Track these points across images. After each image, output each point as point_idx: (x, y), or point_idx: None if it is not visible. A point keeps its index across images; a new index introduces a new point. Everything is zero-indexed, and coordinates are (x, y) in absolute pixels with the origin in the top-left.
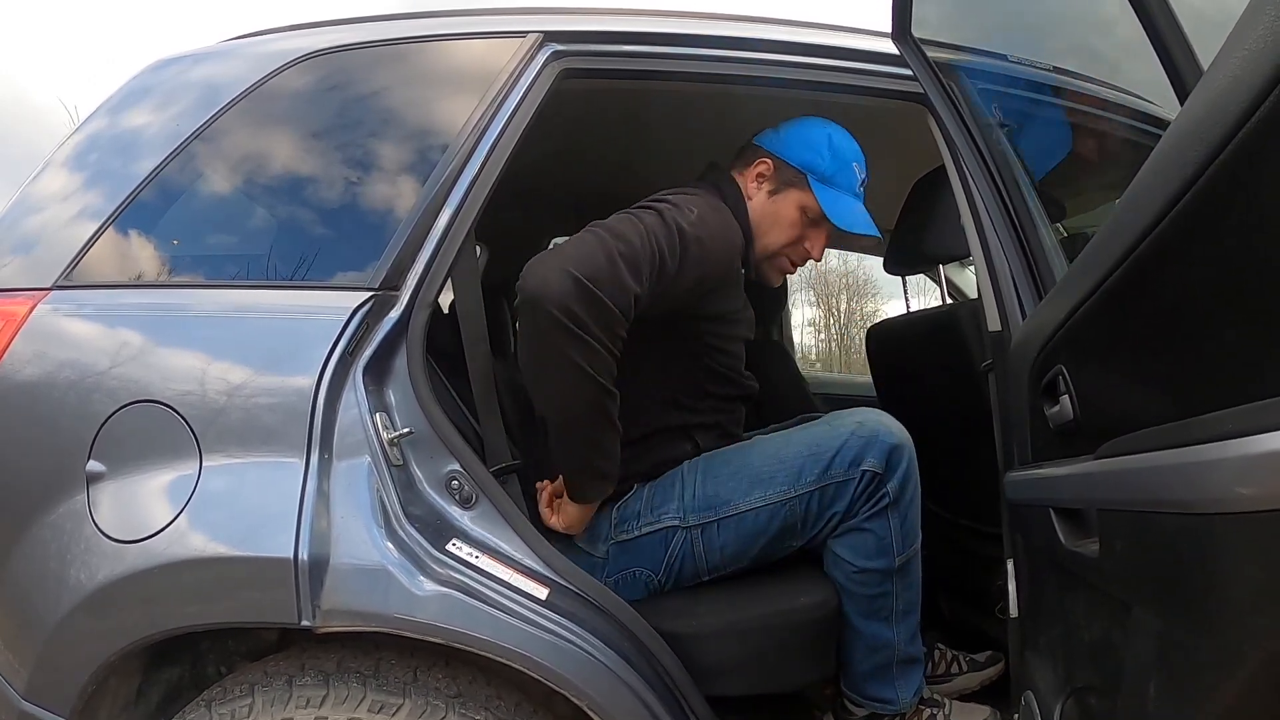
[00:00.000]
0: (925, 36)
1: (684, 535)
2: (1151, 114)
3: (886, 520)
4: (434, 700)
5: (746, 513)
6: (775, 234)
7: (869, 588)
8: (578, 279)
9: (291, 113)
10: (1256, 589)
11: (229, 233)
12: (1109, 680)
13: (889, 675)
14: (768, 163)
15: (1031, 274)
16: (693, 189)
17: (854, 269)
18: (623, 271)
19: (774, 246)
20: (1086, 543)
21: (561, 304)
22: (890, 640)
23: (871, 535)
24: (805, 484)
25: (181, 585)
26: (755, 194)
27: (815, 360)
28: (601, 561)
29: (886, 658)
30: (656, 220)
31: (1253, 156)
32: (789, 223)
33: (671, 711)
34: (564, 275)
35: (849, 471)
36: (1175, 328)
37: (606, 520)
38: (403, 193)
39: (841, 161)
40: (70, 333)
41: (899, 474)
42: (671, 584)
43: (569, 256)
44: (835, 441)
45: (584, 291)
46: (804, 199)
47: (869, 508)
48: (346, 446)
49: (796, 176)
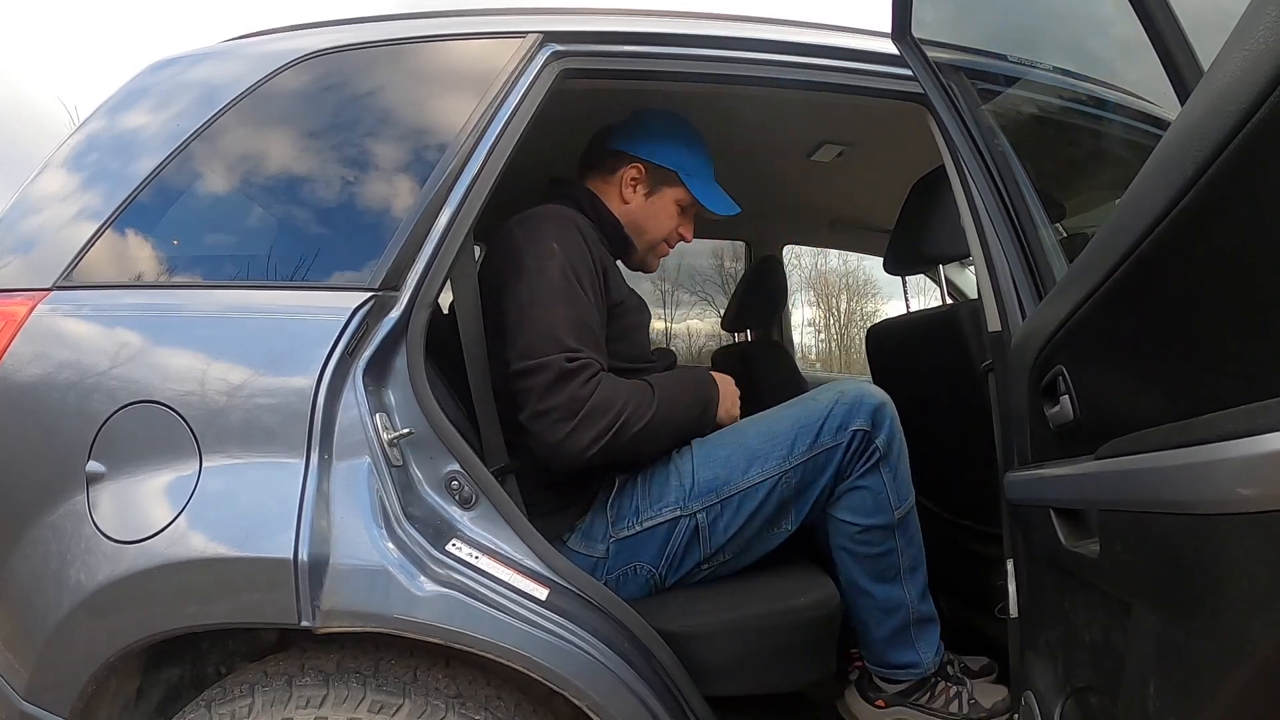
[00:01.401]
0: (925, 36)
1: (688, 522)
2: (1151, 114)
3: (880, 475)
4: (434, 700)
5: (747, 490)
6: (656, 229)
7: (873, 546)
8: (582, 423)
9: (291, 113)
10: (1257, 589)
11: (229, 233)
12: (1109, 680)
13: (908, 638)
14: (639, 167)
15: (1031, 274)
16: (539, 217)
17: (854, 269)
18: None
19: (656, 239)
20: (1086, 543)
21: (587, 448)
22: (902, 600)
23: (868, 492)
24: (799, 455)
25: (181, 586)
26: (632, 198)
27: (815, 360)
28: (601, 560)
29: (902, 619)
30: (559, 288)
31: (1253, 156)
32: (667, 216)
33: (671, 711)
34: (578, 437)
35: (837, 436)
36: (1176, 328)
37: (603, 519)
38: (402, 193)
39: (699, 153)
40: (70, 333)
41: (885, 430)
42: (672, 576)
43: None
44: (822, 410)
45: (594, 422)
46: (678, 194)
47: (862, 464)
48: (346, 447)
49: (668, 175)
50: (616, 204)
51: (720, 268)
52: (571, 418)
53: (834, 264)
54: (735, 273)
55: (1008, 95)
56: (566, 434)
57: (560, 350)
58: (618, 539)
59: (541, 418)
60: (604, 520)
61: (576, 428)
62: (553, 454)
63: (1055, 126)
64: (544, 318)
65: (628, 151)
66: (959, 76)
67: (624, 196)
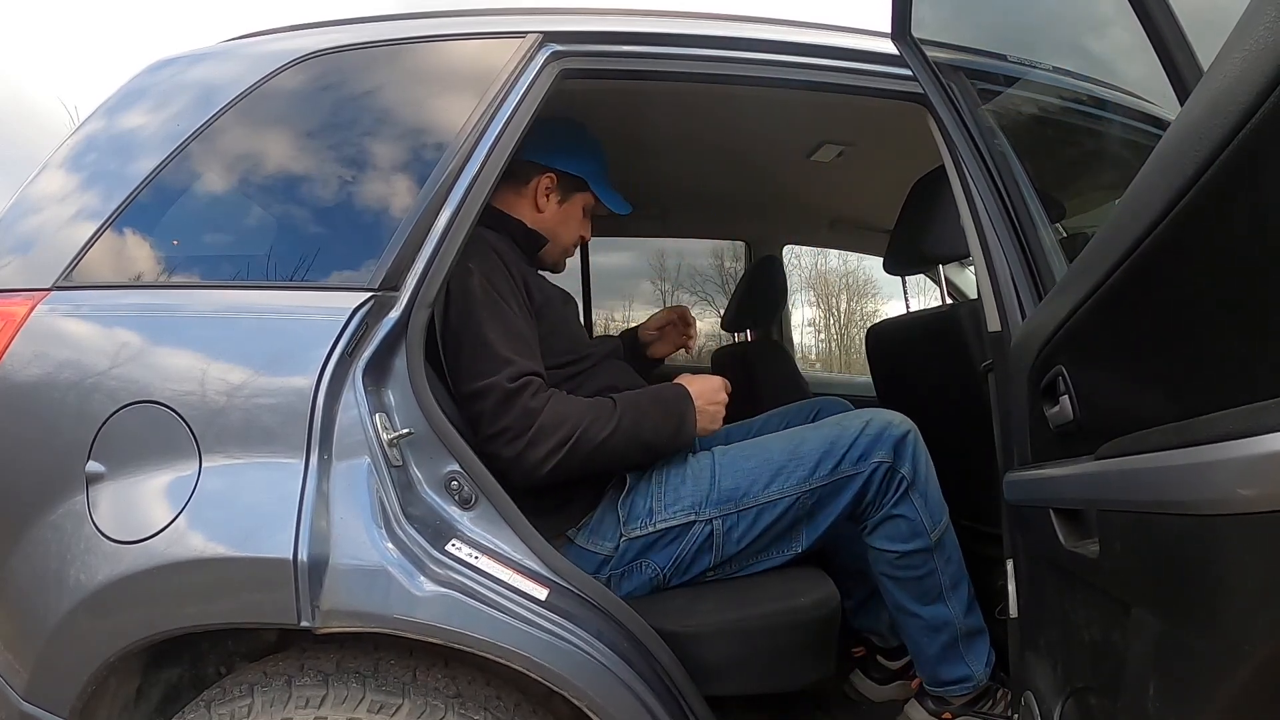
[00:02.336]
0: (925, 36)
1: (703, 528)
2: (1151, 114)
3: (911, 502)
4: (433, 700)
5: (765, 504)
6: (568, 233)
7: (915, 570)
8: (534, 440)
9: (291, 113)
10: (1257, 590)
11: (229, 233)
12: (1109, 680)
13: (957, 653)
14: (551, 176)
15: (1031, 274)
16: (484, 269)
17: (854, 269)
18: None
19: (569, 243)
20: (1086, 543)
21: (542, 462)
22: (948, 617)
23: (902, 520)
24: (820, 478)
25: (181, 586)
26: (546, 206)
27: (815, 360)
28: (608, 558)
29: (950, 635)
30: (483, 303)
31: (1253, 156)
32: (577, 221)
33: (671, 711)
34: (532, 452)
35: (858, 465)
36: (1175, 328)
37: (613, 517)
38: (402, 193)
39: (601, 158)
40: (70, 333)
41: (909, 459)
42: (677, 578)
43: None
44: (848, 438)
45: (545, 438)
46: (586, 199)
47: (893, 495)
48: (346, 447)
49: (578, 183)
50: (530, 213)
51: (720, 268)
52: (523, 434)
53: (834, 264)
54: (735, 273)
55: (1008, 95)
56: (520, 451)
57: (501, 366)
58: (629, 538)
59: (495, 439)
60: (614, 518)
61: (529, 445)
62: (511, 470)
63: (1055, 126)
64: (475, 336)
65: (540, 162)
66: (959, 76)
67: (538, 205)
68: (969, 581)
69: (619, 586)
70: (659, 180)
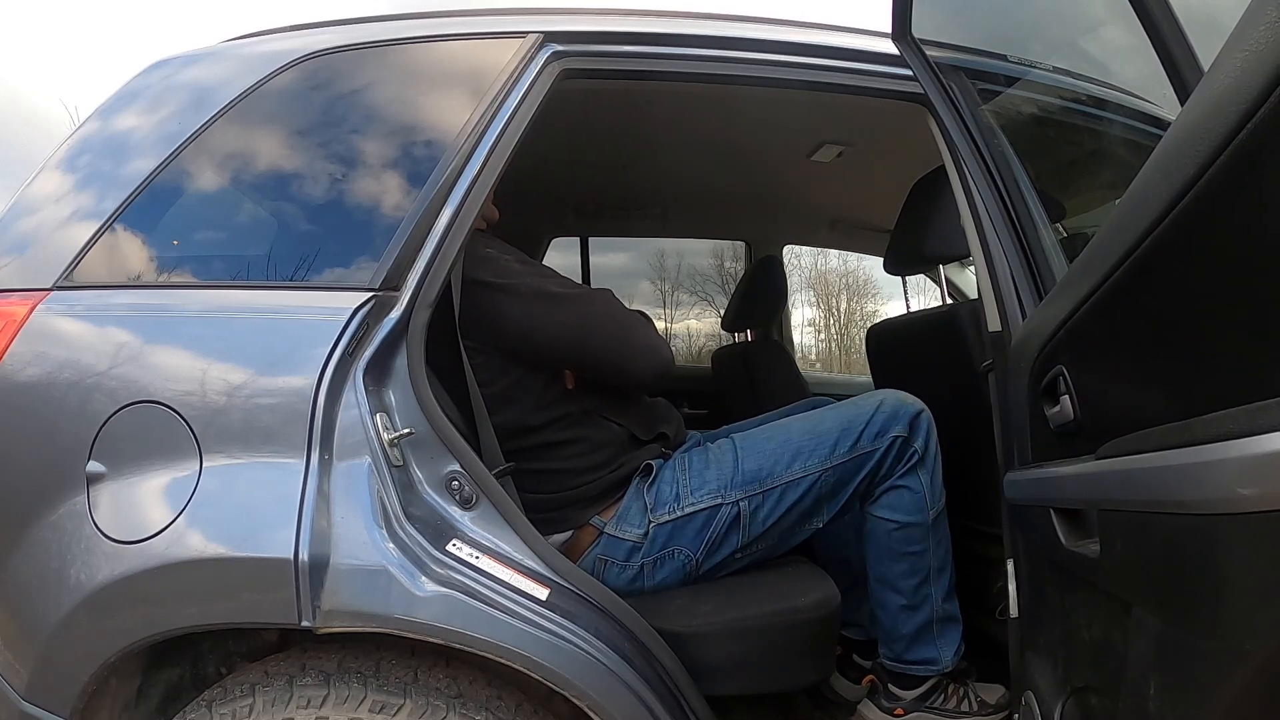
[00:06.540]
0: (925, 36)
1: (730, 510)
2: (1151, 114)
3: (918, 476)
4: (435, 700)
5: (789, 483)
6: None
7: (909, 544)
8: None
9: (291, 113)
10: (1257, 589)
11: (229, 234)
12: (1109, 680)
13: (930, 635)
14: None
15: (1031, 274)
16: (495, 263)
17: (854, 269)
18: None
19: None
20: (1087, 543)
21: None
22: (930, 596)
23: (908, 491)
24: (840, 455)
25: (181, 586)
26: (489, 209)
27: (815, 360)
28: (638, 544)
29: (926, 617)
30: (561, 297)
31: (1253, 157)
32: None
33: (671, 711)
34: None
35: (876, 441)
36: (1176, 327)
37: (639, 504)
38: (403, 193)
39: None
40: (70, 333)
41: (923, 435)
42: (708, 562)
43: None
44: (864, 416)
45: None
46: None
47: (902, 466)
48: (347, 447)
49: None
50: (493, 214)
51: (720, 268)
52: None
53: (834, 264)
54: (735, 273)
55: (1008, 95)
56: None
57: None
58: (658, 523)
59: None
60: (640, 505)
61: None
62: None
63: (1055, 126)
64: (582, 309)
65: None
66: (959, 76)
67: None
68: (953, 570)
69: (652, 575)
70: (659, 180)
